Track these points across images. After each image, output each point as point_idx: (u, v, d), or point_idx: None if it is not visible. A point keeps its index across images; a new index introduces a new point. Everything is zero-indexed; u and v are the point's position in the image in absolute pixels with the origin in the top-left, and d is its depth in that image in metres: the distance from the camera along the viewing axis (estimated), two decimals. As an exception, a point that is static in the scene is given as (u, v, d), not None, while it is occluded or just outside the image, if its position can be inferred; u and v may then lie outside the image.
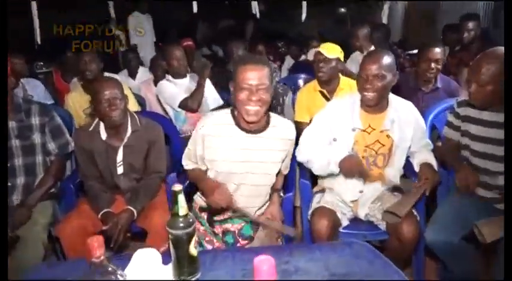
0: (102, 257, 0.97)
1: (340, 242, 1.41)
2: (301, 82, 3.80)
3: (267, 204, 1.89)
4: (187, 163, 1.90)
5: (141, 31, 5.84)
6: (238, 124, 1.74)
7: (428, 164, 1.97)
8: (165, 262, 1.26)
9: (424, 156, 2.04)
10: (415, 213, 1.87)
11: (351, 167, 1.87)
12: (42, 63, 6.60)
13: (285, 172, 1.98)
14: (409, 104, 2.06)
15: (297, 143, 1.98)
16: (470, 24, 3.57)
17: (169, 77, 3.05)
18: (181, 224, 1.13)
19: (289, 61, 5.13)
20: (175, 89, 2.93)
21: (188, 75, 3.08)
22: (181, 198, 1.11)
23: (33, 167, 2.11)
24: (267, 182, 1.82)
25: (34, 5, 5.81)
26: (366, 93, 1.89)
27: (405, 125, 2.00)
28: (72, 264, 1.44)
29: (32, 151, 2.10)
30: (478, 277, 1.84)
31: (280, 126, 1.79)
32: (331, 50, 2.64)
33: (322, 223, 1.82)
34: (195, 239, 1.16)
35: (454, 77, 3.11)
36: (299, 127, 2.66)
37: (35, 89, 3.35)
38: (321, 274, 1.21)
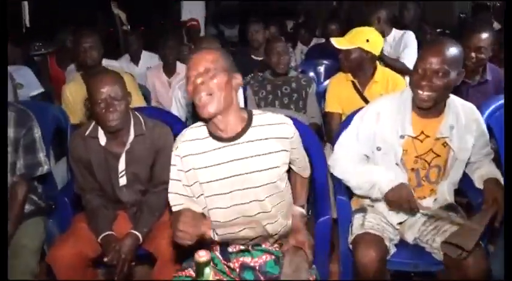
0: None
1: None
2: (321, 69, 3.44)
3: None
4: (175, 201, 1.49)
5: None
6: (212, 134, 1.43)
7: (495, 181, 1.64)
8: None
9: (487, 169, 1.71)
10: (482, 244, 1.54)
11: (400, 202, 1.58)
12: (40, 43, 6.20)
13: (305, 174, 1.63)
14: (471, 106, 1.71)
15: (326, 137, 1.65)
16: None
17: None
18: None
19: (301, 46, 4.76)
20: (180, 108, 2.57)
21: None
22: (208, 272, 0.77)
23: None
24: (271, 193, 1.44)
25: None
26: (420, 92, 1.53)
27: (466, 132, 1.65)
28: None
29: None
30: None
31: (268, 124, 1.44)
32: (349, 40, 2.29)
33: (369, 255, 1.49)
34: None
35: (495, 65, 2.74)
36: (330, 118, 2.44)
37: (24, 78, 2.99)
38: None
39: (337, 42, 2.31)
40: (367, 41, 2.30)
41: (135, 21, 6.76)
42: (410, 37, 3.16)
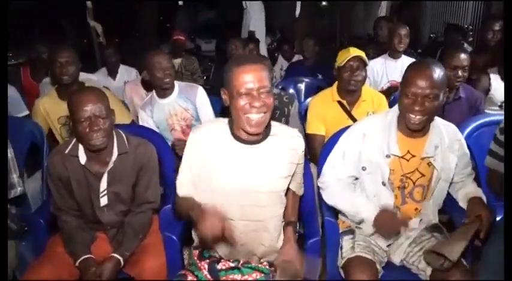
0: None
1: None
2: (302, 87, 3.46)
3: (279, 242, 1.56)
4: (182, 188, 1.55)
5: None
6: (233, 134, 1.47)
7: (478, 199, 1.67)
8: None
9: (470, 189, 1.74)
10: (464, 261, 1.55)
11: (389, 228, 1.58)
12: (11, 54, 5.97)
13: (299, 192, 1.68)
14: (453, 127, 1.75)
15: (310, 159, 1.66)
16: (497, 25, 3.26)
17: (153, 95, 2.49)
18: None
19: (281, 62, 4.78)
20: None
21: (177, 86, 2.49)
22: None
23: None
24: (273, 202, 1.50)
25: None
26: (412, 116, 1.55)
27: (449, 152, 1.69)
28: None
29: None
30: None
31: (283, 135, 1.53)
32: (365, 56, 2.31)
33: (362, 279, 1.48)
34: None
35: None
36: (313, 140, 2.40)
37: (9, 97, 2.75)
38: None
39: (364, 58, 2.31)
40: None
41: (110, 33, 6.67)
42: None
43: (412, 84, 1.53)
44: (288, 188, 1.61)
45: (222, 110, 2.49)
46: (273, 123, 1.54)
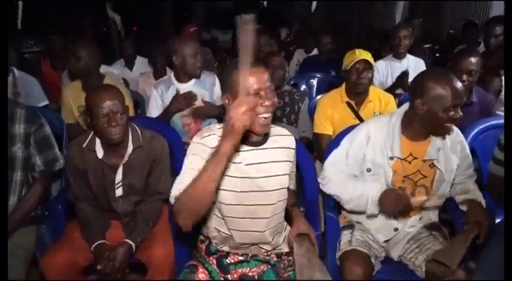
0: None
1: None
2: (314, 83, 3.49)
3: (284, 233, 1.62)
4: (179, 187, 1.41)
5: None
6: None
7: (477, 203, 1.71)
8: None
9: (470, 191, 1.77)
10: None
11: (396, 205, 1.60)
12: (32, 41, 6.10)
13: (294, 188, 1.76)
14: (455, 129, 1.78)
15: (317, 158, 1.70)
16: (498, 29, 3.24)
17: (171, 78, 2.53)
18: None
19: (299, 56, 4.70)
20: (156, 108, 2.50)
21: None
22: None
23: (10, 186, 1.76)
24: (280, 199, 1.55)
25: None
26: (448, 126, 1.64)
27: (451, 154, 1.73)
28: None
29: (11, 166, 1.75)
30: None
31: (280, 136, 1.59)
32: (371, 58, 2.34)
33: (356, 272, 1.56)
34: None
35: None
36: (320, 139, 2.44)
37: (29, 87, 2.74)
38: None
39: (371, 60, 2.36)
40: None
41: (129, 24, 6.76)
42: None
43: (452, 97, 1.57)
44: None
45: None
46: None
